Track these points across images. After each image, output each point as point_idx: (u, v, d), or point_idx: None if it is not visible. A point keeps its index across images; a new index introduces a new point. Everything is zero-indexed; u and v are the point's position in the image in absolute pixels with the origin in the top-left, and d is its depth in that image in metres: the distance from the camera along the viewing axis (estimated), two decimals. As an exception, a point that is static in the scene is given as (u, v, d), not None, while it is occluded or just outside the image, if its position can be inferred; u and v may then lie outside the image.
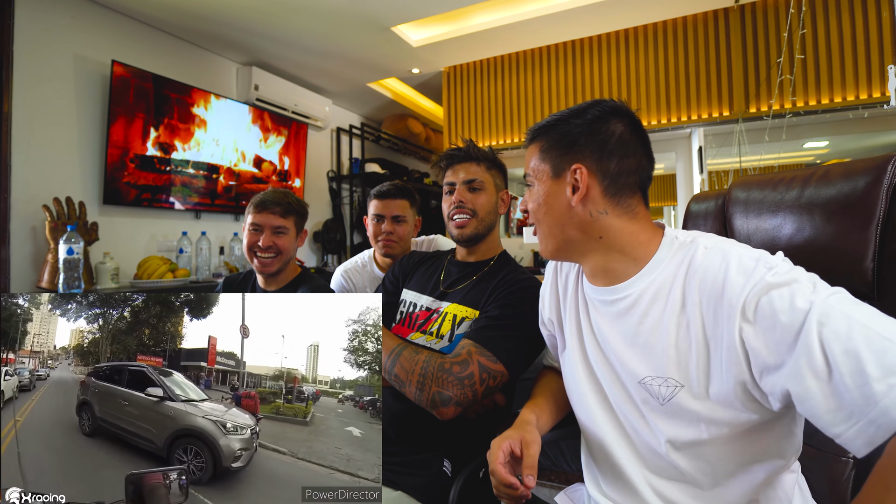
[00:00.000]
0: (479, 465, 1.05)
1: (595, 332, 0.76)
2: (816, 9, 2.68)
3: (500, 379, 0.94)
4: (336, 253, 4.13)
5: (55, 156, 2.28)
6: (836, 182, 0.78)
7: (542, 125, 0.76)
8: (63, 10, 2.30)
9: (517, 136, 3.53)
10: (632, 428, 0.71)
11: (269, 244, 1.35)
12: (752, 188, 0.92)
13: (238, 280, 1.53)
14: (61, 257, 1.98)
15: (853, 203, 0.74)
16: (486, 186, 1.15)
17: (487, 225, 1.15)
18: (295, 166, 3.65)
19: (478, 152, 1.16)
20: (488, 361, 0.93)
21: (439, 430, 1.04)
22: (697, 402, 0.62)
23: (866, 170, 0.74)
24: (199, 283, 2.71)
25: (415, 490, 0.97)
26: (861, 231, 0.73)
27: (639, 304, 0.68)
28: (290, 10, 2.63)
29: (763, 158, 2.83)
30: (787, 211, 0.83)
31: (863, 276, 0.73)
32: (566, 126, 0.72)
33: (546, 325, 0.91)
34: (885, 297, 0.72)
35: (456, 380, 0.90)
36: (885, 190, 0.71)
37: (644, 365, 0.67)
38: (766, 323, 0.55)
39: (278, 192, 1.42)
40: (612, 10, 2.86)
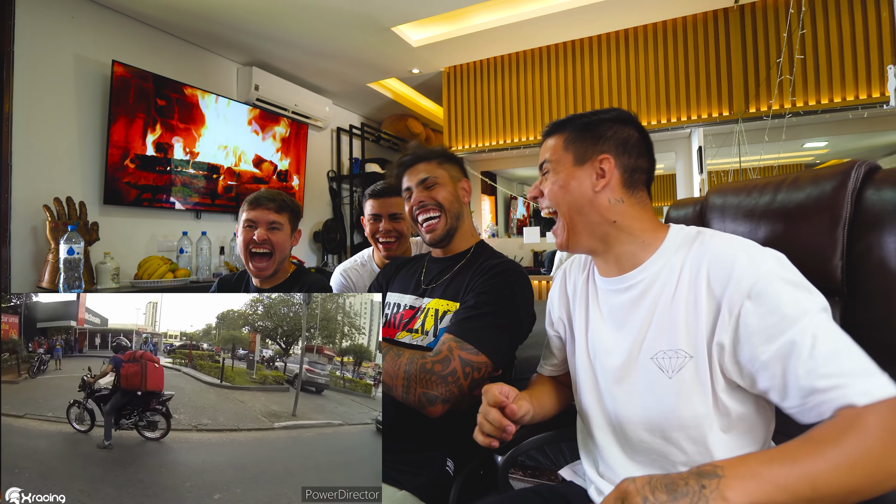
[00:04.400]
0: (481, 464, 1.05)
1: (607, 322, 0.81)
2: (816, 9, 2.69)
3: (484, 370, 0.95)
4: (336, 253, 4.13)
5: (55, 156, 2.28)
6: (805, 187, 0.84)
7: (566, 120, 0.83)
8: (63, 10, 2.30)
9: (517, 136, 3.53)
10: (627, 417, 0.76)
11: (265, 238, 1.35)
12: (727, 194, 0.98)
13: (232, 280, 1.53)
14: (62, 257, 1.98)
15: (821, 206, 0.80)
16: (441, 180, 1.16)
17: (455, 215, 1.16)
18: (295, 166, 3.65)
19: (425, 151, 1.19)
20: (470, 355, 0.93)
21: (441, 429, 1.04)
22: (703, 373, 0.67)
23: (832, 175, 0.80)
24: (199, 282, 2.71)
25: (418, 489, 0.97)
26: (829, 233, 0.79)
27: (653, 287, 0.74)
28: (290, 11, 2.63)
29: (763, 158, 2.84)
30: (761, 215, 0.89)
31: (832, 274, 0.78)
32: (593, 122, 0.80)
33: (555, 324, 0.94)
34: (855, 293, 0.78)
35: (439, 378, 0.91)
36: (850, 193, 0.77)
37: (657, 342, 0.72)
38: (768, 306, 0.61)
39: (272, 190, 1.44)
40: (612, 10, 2.87)
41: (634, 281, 0.76)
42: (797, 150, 3.80)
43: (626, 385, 0.76)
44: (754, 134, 2.86)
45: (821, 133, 3.03)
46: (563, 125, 0.83)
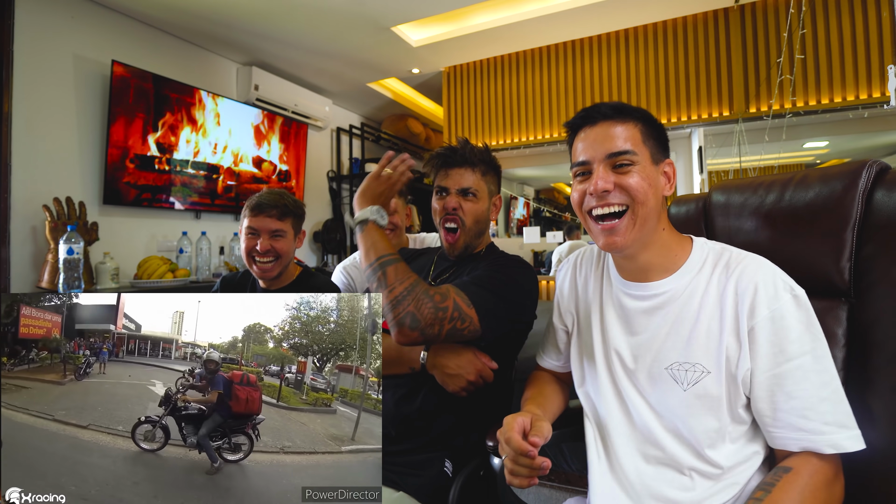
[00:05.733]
0: (480, 466, 1.05)
1: (620, 325, 0.80)
2: (816, 9, 2.68)
3: (468, 325, 0.92)
4: (336, 253, 4.13)
5: (55, 156, 2.28)
6: (814, 186, 0.83)
7: (630, 108, 0.76)
8: (63, 10, 2.30)
9: (517, 136, 3.53)
10: (636, 413, 0.76)
11: (268, 248, 1.33)
12: (731, 192, 0.97)
13: (236, 279, 1.51)
14: (61, 257, 1.98)
15: (831, 206, 0.79)
16: (480, 195, 1.11)
17: (477, 233, 1.13)
18: (295, 166, 3.64)
19: (474, 156, 1.11)
20: (463, 303, 0.93)
21: (440, 431, 1.04)
22: (720, 388, 0.69)
23: (842, 175, 0.79)
24: (199, 283, 2.71)
25: (416, 490, 0.97)
26: (838, 234, 0.77)
27: (676, 300, 0.74)
28: (290, 10, 2.63)
29: (763, 158, 2.83)
30: (768, 213, 0.88)
31: (840, 276, 0.77)
32: (656, 121, 0.78)
33: (563, 316, 0.93)
34: (861, 296, 0.76)
35: (432, 307, 0.90)
36: (861, 194, 0.76)
37: (673, 353, 0.73)
38: (777, 336, 0.66)
39: (274, 193, 1.39)
40: (612, 10, 2.87)
41: (657, 291, 0.76)
42: (797, 150, 3.80)
43: (638, 389, 0.76)
44: (754, 134, 2.86)
45: (821, 133, 3.03)
46: (637, 113, 0.76)
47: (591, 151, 0.75)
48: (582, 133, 0.78)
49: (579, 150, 0.77)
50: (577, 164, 0.77)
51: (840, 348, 0.77)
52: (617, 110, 0.75)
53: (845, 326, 0.77)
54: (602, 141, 0.74)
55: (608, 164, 0.74)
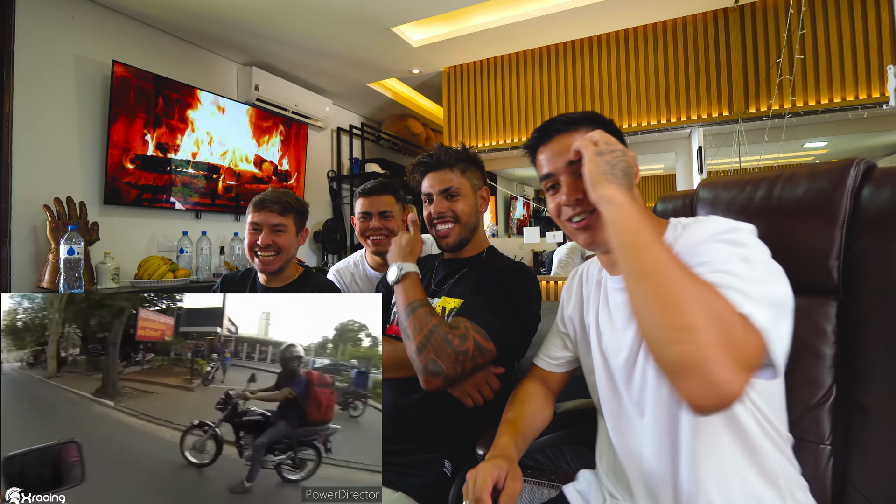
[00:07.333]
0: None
1: (610, 322, 0.82)
2: (816, 9, 2.69)
3: (487, 357, 0.97)
4: (336, 253, 4.13)
5: (56, 156, 2.28)
6: (802, 184, 0.82)
7: (583, 116, 0.81)
8: (63, 10, 2.30)
9: (517, 136, 3.53)
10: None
11: (269, 242, 1.36)
12: (718, 189, 0.97)
13: (236, 278, 1.53)
14: (62, 257, 1.98)
15: (819, 204, 0.79)
16: (463, 191, 1.15)
17: (470, 228, 1.16)
18: (295, 166, 3.65)
19: (450, 157, 1.15)
20: (482, 339, 0.95)
21: (439, 431, 1.04)
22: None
23: (831, 172, 0.79)
24: (199, 283, 2.71)
25: (415, 491, 0.97)
26: (827, 231, 0.77)
27: None
28: (290, 11, 2.63)
29: (763, 158, 2.84)
30: (756, 211, 0.88)
31: (828, 273, 0.77)
32: (606, 122, 0.81)
33: (566, 321, 0.96)
34: (851, 293, 0.77)
35: (453, 353, 0.92)
36: (849, 191, 0.76)
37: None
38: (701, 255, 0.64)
39: (277, 191, 1.43)
40: (612, 10, 2.87)
41: None
42: (797, 150, 3.80)
43: (634, 383, 0.77)
44: (754, 134, 2.86)
45: (821, 133, 3.03)
46: (578, 122, 0.81)
47: (552, 164, 0.80)
48: (540, 152, 0.83)
49: (543, 165, 0.83)
50: (544, 178, 0.82)
51: (830, 345, 0.77)
52: (567, 123, 0.81)
53: (835, 323, 0.77)
54: (560, 153, 0.79)
55: (571, 173, 0.78)
